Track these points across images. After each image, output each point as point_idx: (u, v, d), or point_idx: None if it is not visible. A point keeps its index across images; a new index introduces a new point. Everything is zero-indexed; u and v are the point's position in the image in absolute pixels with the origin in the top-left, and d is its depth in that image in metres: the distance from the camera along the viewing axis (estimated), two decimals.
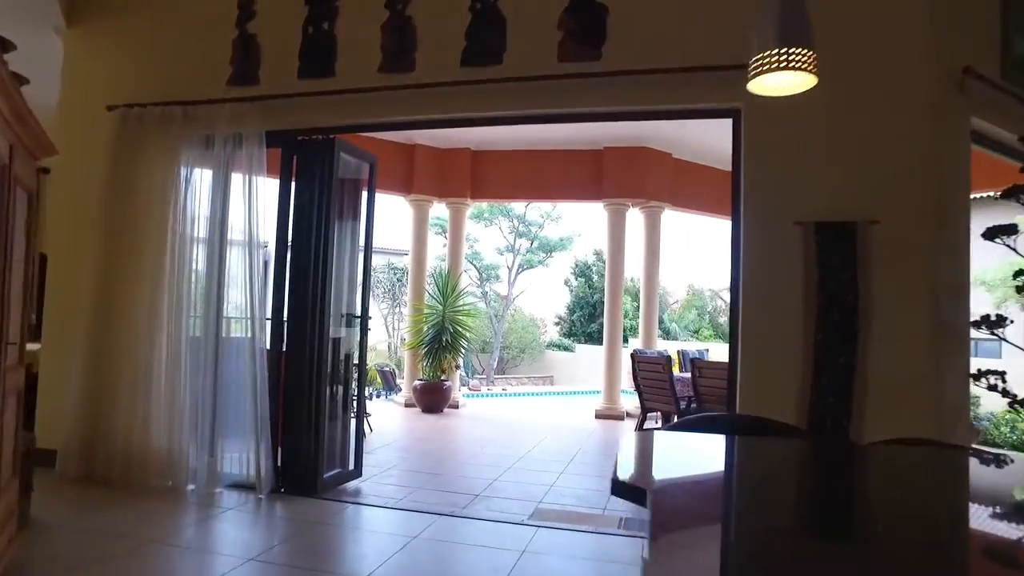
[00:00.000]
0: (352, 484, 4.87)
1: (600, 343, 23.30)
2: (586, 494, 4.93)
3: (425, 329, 9.38)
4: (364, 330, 5.03)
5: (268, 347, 4.59)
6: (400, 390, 10.82)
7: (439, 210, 11.59)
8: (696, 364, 5.99)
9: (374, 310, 24.46)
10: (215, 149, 4.46)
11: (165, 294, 4.46)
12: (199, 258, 4.59)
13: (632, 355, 6.91)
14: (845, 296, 3.37)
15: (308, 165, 4.59)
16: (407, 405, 9.37)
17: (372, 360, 16.10)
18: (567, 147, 9.36)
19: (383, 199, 11.14)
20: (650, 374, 6.54)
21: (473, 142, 9.46)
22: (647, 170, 9.17)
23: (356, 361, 5.17)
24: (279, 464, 4.49)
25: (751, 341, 3.52)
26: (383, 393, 16.03)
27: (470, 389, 16.43)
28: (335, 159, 4.55)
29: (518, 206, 22.28)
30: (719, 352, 11.47)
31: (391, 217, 11.09)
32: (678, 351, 8.29)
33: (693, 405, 6.28)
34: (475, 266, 23.20)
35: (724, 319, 28.77)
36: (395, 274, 21.88)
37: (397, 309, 21.46)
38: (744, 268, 3.56)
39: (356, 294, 5.05)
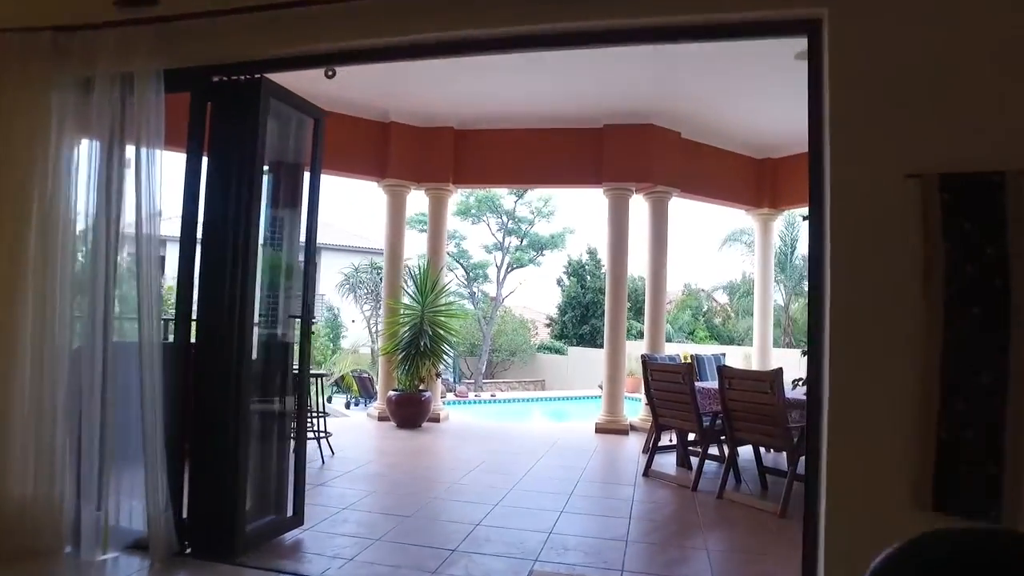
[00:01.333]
0: (290, 536, 3.73)
1: (593, 345, 22.39)
2: (595, 544, 3.81)
3: (401, 332, 8.24)
4: (306, 333, 3.89)
5: (175, 357, 3.44)
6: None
7: (421, 205, 10.36)
8: (724, 373, 4.88)
9: (356, 312, 23.34)
10: (96, 95, 3.29)
11: (30, 294, 3.29)
12: (79, 246, 3.41)
13: (644, 362, 5.79)
14: (989, 282, 2.28)
15: (227, 116, 3.45)
16: (381, 418, 8.21)
17: (351, 365, 14.92)
18: (562, 125, 8.27)
19: (357, 187, 10.00)
20: (666, 384, 5.44)
21: (456, 119, 8.34)
22: (653, 151, 8.08)
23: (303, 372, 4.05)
24: (184, 515, 3.34)
25: (844, 350, 2.41)
26: (361, 401, 14.87)
27: (456, 396, 15.31)
28: (263, 107, 3.41)
29: (507, 201, 21.20)
30: (733, 357, 10.35)
31: (374, 212, 9.77)
32: (692, 356, 7.19)
33: (719, 423, 5.18)
34: (462, 265, 22.08)
35: (719, 320, 27.85)
36: (378, 274, 20.74)
37: (380, 311, 20.33)
38: (833, 246, 2.46)
39: (296, 289, 3.92)
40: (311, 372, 6.05)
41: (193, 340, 3.44)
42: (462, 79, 7.08)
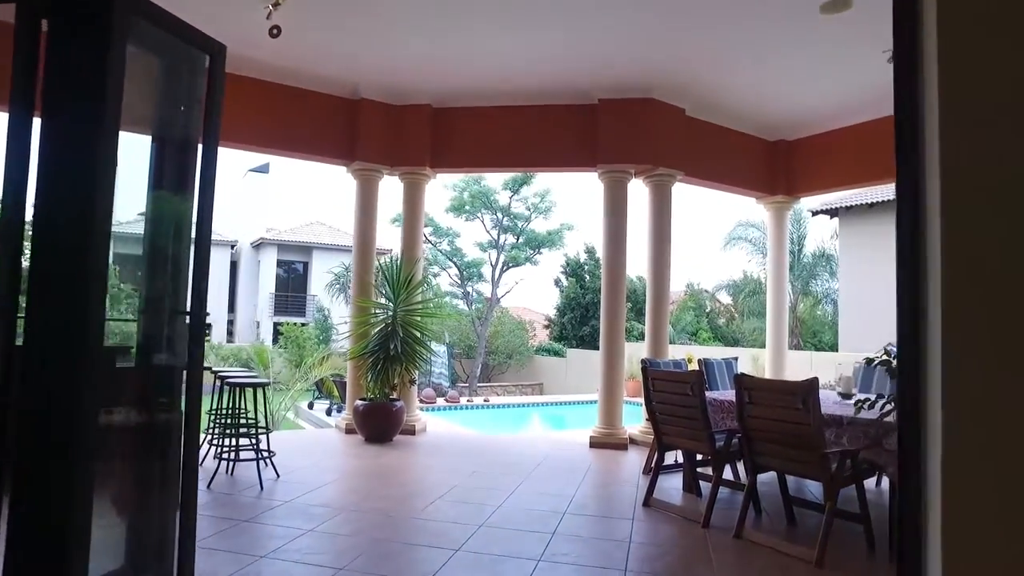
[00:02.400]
0: None
1: (593, 347, 21.40)
2: None
3: (371, 333, 7.32)
4: (197, 333, 2.96)
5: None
6: None
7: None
8: (743, 384, 3.94)
9: (347, 313, 22.40)
10: None
11: None
12: None
13: (644, 368, 4.85)
14: None
15: (70, 45, 2.52)
16: (348, 431, 7.30)
17: (329, 369, 13.98)
18: (552, 101, 7.37)
19: (328, 173, 9.08)
20: (671, 396, 4.51)
21: (433, 95, 7.44)
22: (654, 129, 7.16)
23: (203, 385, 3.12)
24: None
25: (968, 363, 1.47)
26: (344, 407, 13.92)
27: (447, 401, 14.39)
28: (118, 26, 2.48)
29: (502, 196, 20.28)
30: (743, 361, 9.44)
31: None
32: (701, 361, 6.25)
33: (735, 442, 4.25)
34: (455, 263, 21.17)
35: (723, 321, 26.94)
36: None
37: None
38: (948, 210, 1.51)
39: (183, 281, 3.00)
40: (251, 381, 5.15)
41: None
42: (439, 44, 6.18)
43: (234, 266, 28.16)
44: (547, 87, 7.13)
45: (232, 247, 28.13)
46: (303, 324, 22.21)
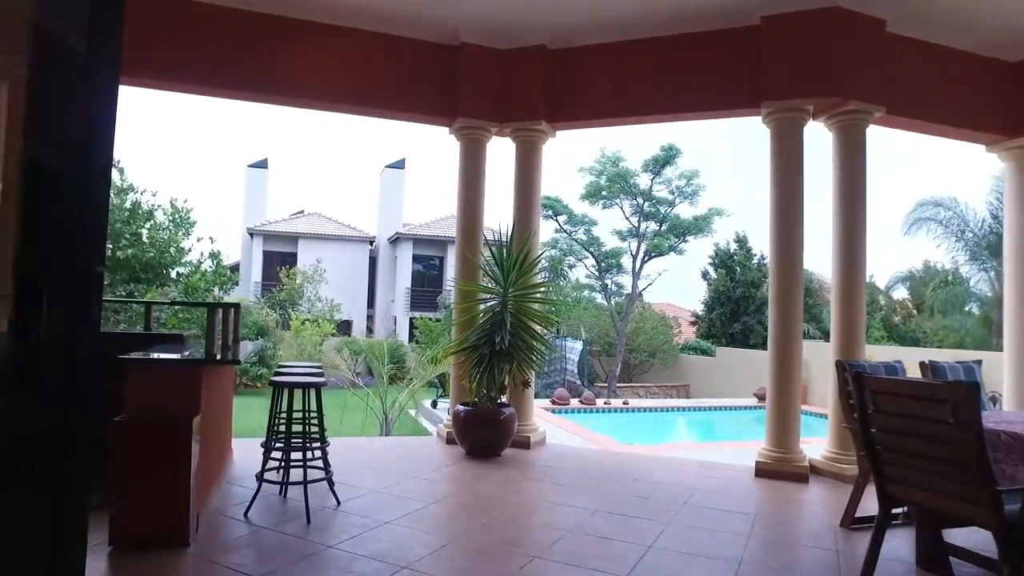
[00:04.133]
0: None
1: (745, 345, 19.04)
2: None
3: (479, 321, 6.06)
4: (88, 298, 1.75)
5: None
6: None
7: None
8: None
9: None
10: None
11: None
12: None
13: (856, 376, 3.07)
14: None
15: None
16: (449, 441, 6.08)
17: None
18: (698, 27, 5.70)
19: (430, 137, 7.92)
20: (910, 421, 2.77)
21: (549, 32, 6.05)
22: (840, 50, 5.30)
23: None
24: None
25: None
26: None
27: (583, 402, 12.96)
28: None
29: (643, 180, 18.48)
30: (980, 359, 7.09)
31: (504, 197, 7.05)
32: (922, 363, 4.35)
33: None
34: (592, 254, 19.64)
35: (898, 319, 23.20)
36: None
37: None
38: None
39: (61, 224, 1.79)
40: (297, 381, 3.99)
41: None
42: None
43: (373, 262, 28.50)
44: (693, 8, 5.48)
45: (371, 243, 28.50)
46: (437, 319, 21.75)
